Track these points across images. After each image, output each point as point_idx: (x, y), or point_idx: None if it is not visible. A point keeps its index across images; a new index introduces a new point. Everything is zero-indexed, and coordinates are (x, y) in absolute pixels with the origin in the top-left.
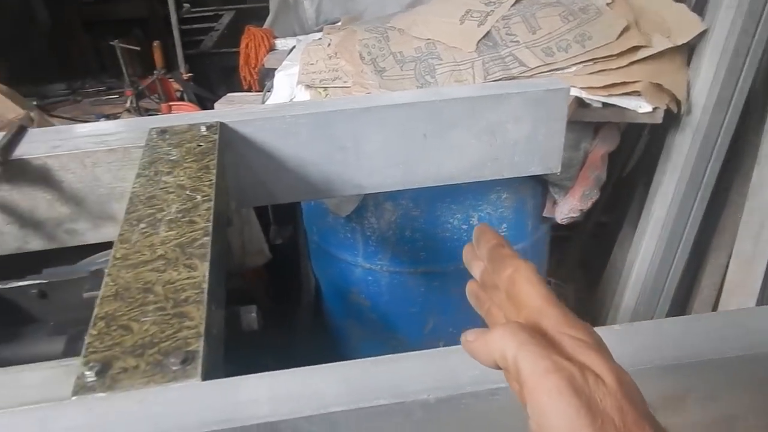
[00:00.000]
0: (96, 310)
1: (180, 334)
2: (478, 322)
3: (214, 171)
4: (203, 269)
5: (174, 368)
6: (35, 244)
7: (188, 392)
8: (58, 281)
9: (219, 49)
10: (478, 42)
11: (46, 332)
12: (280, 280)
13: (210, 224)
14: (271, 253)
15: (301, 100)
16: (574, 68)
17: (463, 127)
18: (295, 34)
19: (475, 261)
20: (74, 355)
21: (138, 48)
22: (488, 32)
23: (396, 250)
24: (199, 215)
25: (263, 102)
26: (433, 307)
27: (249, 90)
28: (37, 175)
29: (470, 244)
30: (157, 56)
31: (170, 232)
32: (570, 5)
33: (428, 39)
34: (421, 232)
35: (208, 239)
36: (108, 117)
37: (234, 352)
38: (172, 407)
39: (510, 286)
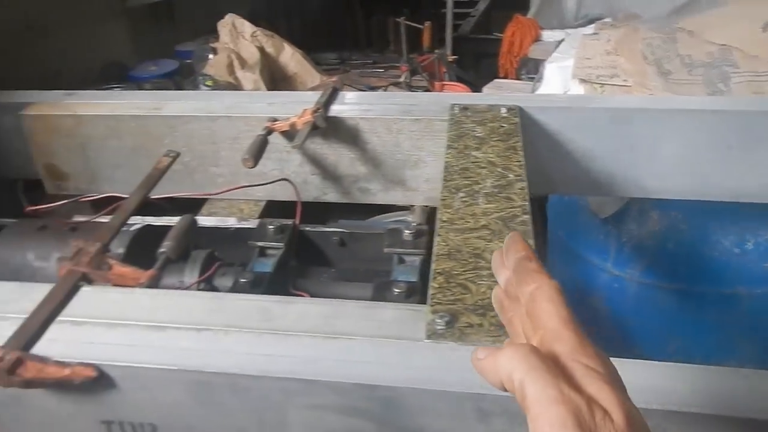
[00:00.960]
0: (433, 266)
1: None
2: (732, 354)
3: (521, 153)
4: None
5: None
6: (331, 196)
7: None
8: (358, 233)
9: (475, 34)
10: None
11: (345, 276)
12: None
13: (527, 203)
14: None
15: (581, 94)
16: None
17: None
18: (552, 27)
19: (502, 269)
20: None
21: (421, 26)
22: None
23: (653, 261)
24: (515, 193)
25: (532, 91)
26: (684, 327)
27: (505, 77)
28: (349, 134)
29: (500, 251)
30: (426, 37)
31: (489, 205)
32: None
33: (723, 44)
34: (686, 247)
35: (528, 217)
36: (373, 88)
37: None
38: None
39: (530, 303)
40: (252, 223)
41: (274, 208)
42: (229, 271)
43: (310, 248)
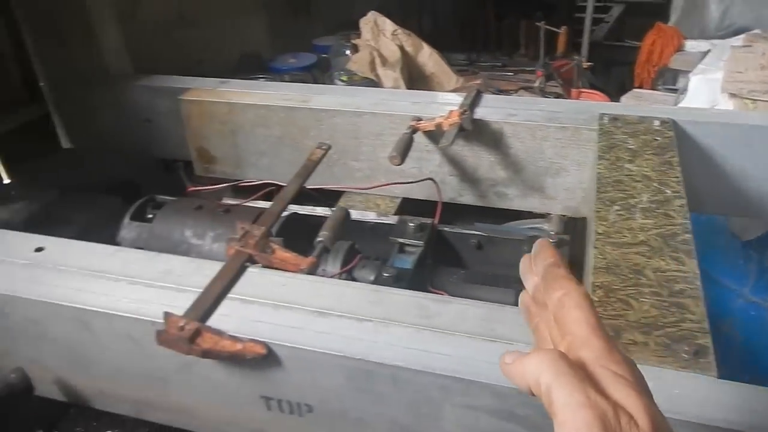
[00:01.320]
0: (591, 278)
1: (683, 324)
2: None
3: (678, 168)
4: (692, 265)
5: (686, 357)
6: (467, 198)
7: (706, 385)
8: (497, 237)
9: (608, 41)
10: None
11: (477, 279)
12: None
13: (687, 222)
14: None
15: (732, 109)
16: None
17: None
18: (693, 36)
19: (530, 275)
20: None
21: (558, 30)
22: None
23: None
24: (674, 210)
25: (675, 104)
26: None
27: (640, 87)
28: (491, 138)
29: (528, 256)
30: (562, 41)
31: (647, 221)
32: None
33: None
34: None
35: (690, 237)
36: (503, 92)
37: None
38: (689, 394)
39: (558, 309)
40: (391, 219)
41: (408, 206)
42: (368, 264)
43: (446, 248)
